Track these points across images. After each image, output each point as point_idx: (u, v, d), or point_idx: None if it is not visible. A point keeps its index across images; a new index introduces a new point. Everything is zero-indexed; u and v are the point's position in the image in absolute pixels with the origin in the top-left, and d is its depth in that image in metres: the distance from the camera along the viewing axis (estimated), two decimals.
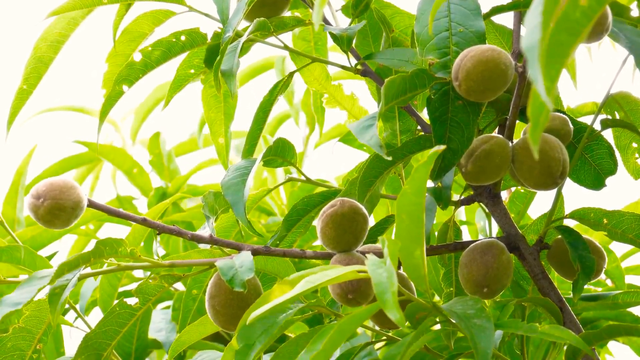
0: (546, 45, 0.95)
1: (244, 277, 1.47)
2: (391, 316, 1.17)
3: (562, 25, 0.96)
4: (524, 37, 0.94)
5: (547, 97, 0.93)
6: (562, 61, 0.96)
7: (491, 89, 1.50)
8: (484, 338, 1.32)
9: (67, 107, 3.23)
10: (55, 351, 2.18)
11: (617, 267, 2.10)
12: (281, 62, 2.78)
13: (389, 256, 1.25)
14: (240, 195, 1.57)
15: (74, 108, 3.23)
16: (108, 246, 1.54)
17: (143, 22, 1.80)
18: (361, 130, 1.52)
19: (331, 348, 1.28)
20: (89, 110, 3.24)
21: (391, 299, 1.19)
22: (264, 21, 1.68)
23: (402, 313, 1.18)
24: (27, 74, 1.81)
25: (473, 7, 1.56)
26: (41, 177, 2.99)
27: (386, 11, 1.81)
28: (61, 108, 3.23)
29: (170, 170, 3.01)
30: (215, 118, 1.87)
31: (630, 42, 1.56)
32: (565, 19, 0.96)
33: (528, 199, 1.95)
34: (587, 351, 1.44)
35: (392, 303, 1.18)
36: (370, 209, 1.64)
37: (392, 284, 1.20)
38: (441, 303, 1.57)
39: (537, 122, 0.98)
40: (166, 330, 2.25)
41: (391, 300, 1.19)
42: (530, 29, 0.94)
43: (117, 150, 2.99)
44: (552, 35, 0.96)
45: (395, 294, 1.19)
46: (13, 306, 1.50)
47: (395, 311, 1.17)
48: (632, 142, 1.73)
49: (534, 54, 0.93)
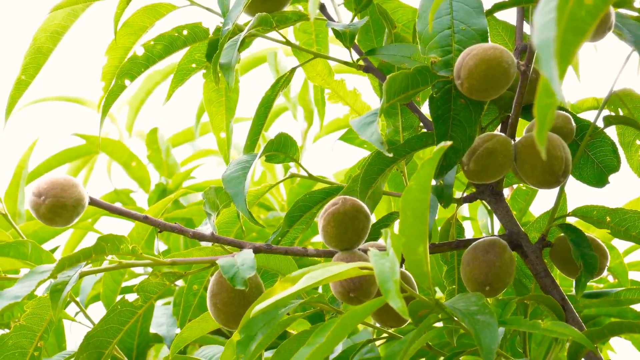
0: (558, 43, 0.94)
1: (245, 275, 1.47)
2: (393, 305, 1.16)
3: (568, 24, 0.95)
4: (536, 33, 0.93)
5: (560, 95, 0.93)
6: (567, 60, 0.96)
7: (493, 88, 1.49)
8: (488, 334, 1.32)
9: (64, 97, 3.22)
10: (57, 346, 2.18)
11: (621, 263, 2.10)
12: (273, 56, 2.76)
13: (392, 247, 1.24)
14: (242, 187, 1.57)
15: (71, 99, 3.22)
16: (109, 242, 1.54)
17: (144, 15, 1.79)
18: (362, 127, 1.51)
19: (333, 342, 1.27)
20: (86, 102, 3.23)
21: (393, 288, 1.18)
22: (265, 16, 1.67)
23: (405, 303, 1.17)
24: (25, 65, 1.81)
25: (475, 4, 1.55)
26: (38, 171, 2.99)
27: (388, 5, 1.81)
28: (57, 98, 3.21)
29: (169, 165, 3.01)
30: (216, 112, 1.86)
31: (635, 37, 1.55)
32: (571, 18, 0.95)
33: (530, 195, 1.94)
34: (591, 348, 1.44)
35: (395, 292, 1.18)
36: (372, 206, 1.63)
37: (394, 273, 1.20)
38: (443, 300, 1.57)
39: (544, 122, 0.97)
40: (167, 325, 2.26)
41: (393, 289, 1.18)
42: (542, 24, 0.93)
43: (115, 143, 2.98)
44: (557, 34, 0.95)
45: (397, 283, 1.18)
46: (13, 299, 1.49)
47: (397, 300, 1.17)
48: (636, 139, 1.73)
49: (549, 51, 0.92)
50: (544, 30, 0.93)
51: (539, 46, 0.92)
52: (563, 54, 0.94)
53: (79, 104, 3.24)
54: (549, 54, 0.91)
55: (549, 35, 0.92)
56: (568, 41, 0.95)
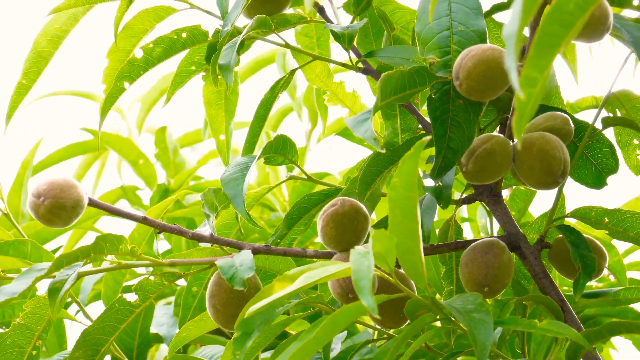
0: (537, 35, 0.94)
1: (244, 275, 1.47)
2: (365, 303, 1.15)
3: (555, 16, 0.95)
4: (504, 25, 0.94)
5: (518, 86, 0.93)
6: (553, 52, 0.96)
7: (492, 89, 1.50)
8: (482, 331, 1.32)
9: (74, 91, 3.23)
10: (58, 345, 2.19)
11: (619, 261, 2.10)
12: (282, 57, 2.77)
13: (372, 247, 1.23)
14: (240, 189, 1.57)
15: (80, 93, 3.23)
16: (108, 242, 1.54)
17: (144, 18, 1.80)
18: (357, 125, 1.52)
19: (322, 338, 1.27)
20: (95, 96, 3.24)
21: (367, 285, 1.17)
22: (264, 18, 1.67)
23: (375, 300, 1.16)
24: (26, 69, 1.82)
25: (474, 6, 1.55)
26: (45, 162, 3.00)
27: (387, 7, 1.81)
28: (67, 92, 3.22)
29: (176, 164, 3.02)
30: (216, 115, 1.87)
31: (633, 38, 1.55)
32: (558, 10, 0.95)
33: (529, 196, 1.95)
34: (589, 348, 1.44)
35: (367, 290, 1.17)
36: (371, 207, 1.64)
37: (369, 271, 1.19)
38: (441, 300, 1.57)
39: (523, 112, 0.97)
40: (168, 325, 2.26)
41: (367, 286, 1.17)
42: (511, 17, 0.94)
43: (123, 141, 2.99)
44: (544, 25, 0.95)
45: (371, 281, 1.18)
46: (9, 295, 1.50)
47: (369, 298, 1.16)
48: (634, 139, 1.73)
49: (511, 42, 0.92)
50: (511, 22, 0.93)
51: (505, 37, 0.93)
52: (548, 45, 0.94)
53: (89, 99, 3.25)
54: (511, 45, 0.92)
55: (514, 27, 0.92)
56: (555, 33, 0.95)
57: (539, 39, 0.94)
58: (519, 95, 0.95)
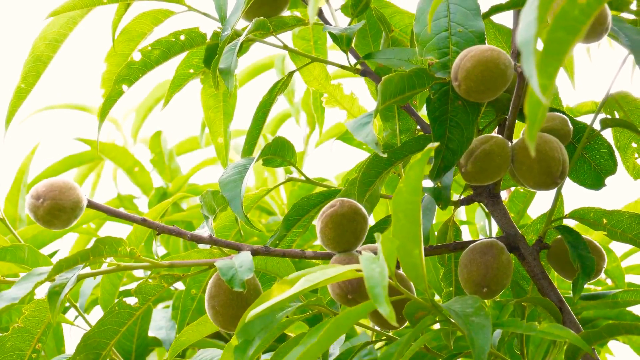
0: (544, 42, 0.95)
1: (243, 277, 1.47)
2: (381, 311, 1.16)
3: (560, 23, 0.96)
4: (519, 32, 0.94)
5: (541, 93, 0.93)
6: (560, 59, 0.96)
7: (491, 89, 1.50)
8: (481, 335, 1.32)
9: (68, 105, 3.24)
10: (56, 350, 2.18)
11: (617, 266, 2.10)
12: (281, 61, 2.78)
13: (382, 252, 1.24)
14: (238, 191, 1.57)
15: (75, 106, 3.23)
16: (107, 245, 1.54)
17: (142, 21, 1.80)
18: (357, 128, 1.52)
19: (326, 342, 1.27)
20: (90, 108, 3.25)
21: (382, 293, 1.18)
22: (263, 20, 1.67)
23: (392, 307, 1.16)
24: (25, 73, 1.81)
25: (472, 7, 1.55)
26: (43, 176, 2.99)
27: (386, 10, 1.81)
28: (62, 106, 3.23)
29: (172, 170, 3.02)
30: (214, 118, 1.87)
31: (631, 40, 1.55)
32: (563, 16, 0.95)
33: (528, 198, 1.95)
34: (587, 350, 1.44)
35: (383, 297, 1.17)
36: (370, 208, 1.64)
37: (383, 278, 1.20)
38: (441, 302, 1.57)
39: (534, 120, 0.97)
40: (166, 329, 2.26)
41: (382, 294, 1.18)
42: (525, 24, 0.94)
43: (118, 149, 2.99)
44: (550, 32, 0.95)
45: (385, 288, 1.18)
46: (11, 300, 1.50)
47: (385, 305, 1.16)
48: (632, 142, 1.73)
49: (529, 49, 0.93)
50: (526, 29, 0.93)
51: (520, 45, 0.93)
52: (554, 52, 0.94)
53: (83, 111, 3.26)
54: (529, 52, 0.92)
55: (530, 34, 0.93)
56: (560, 40, 0.95)
57: (546, 47, 0.95)
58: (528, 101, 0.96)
